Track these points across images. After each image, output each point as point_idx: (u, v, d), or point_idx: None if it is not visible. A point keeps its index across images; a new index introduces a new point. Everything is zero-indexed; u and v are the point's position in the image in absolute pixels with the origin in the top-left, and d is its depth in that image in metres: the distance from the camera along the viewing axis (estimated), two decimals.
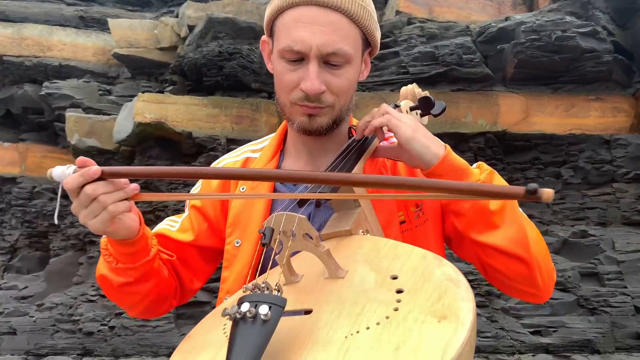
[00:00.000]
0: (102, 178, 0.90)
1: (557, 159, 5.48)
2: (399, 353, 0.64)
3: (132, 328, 5.23)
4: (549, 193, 0.67)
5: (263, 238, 0.85)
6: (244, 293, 0.75)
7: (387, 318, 0.70)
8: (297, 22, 1.02)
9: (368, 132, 1.06)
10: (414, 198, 1.06)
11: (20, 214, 6.16)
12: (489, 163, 1.99)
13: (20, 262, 6.19)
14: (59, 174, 0.92)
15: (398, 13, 5.86)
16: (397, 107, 1.19)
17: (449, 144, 1.08)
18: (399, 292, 0.74)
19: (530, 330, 4.95)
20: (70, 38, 6.61)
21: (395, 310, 0.70)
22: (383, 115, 1.03)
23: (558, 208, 5.40)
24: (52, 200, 6.01)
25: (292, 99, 1.07)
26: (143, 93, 5.55)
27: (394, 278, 0.77)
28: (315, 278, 0.85)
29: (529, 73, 5.44)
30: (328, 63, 1.03)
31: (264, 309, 0.69)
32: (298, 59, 1.03)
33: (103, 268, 1.08)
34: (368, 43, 1.12)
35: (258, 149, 1.26)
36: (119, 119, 5.67)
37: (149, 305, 1.14)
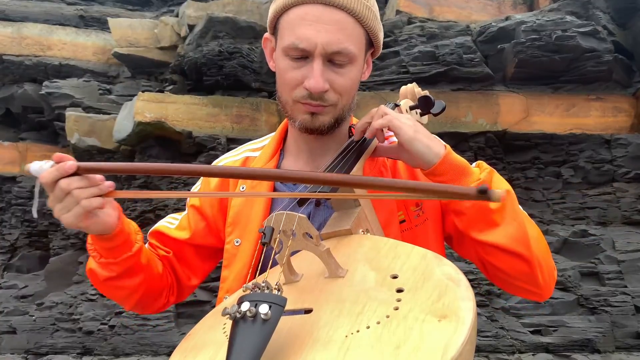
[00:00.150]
0: (77, 173, 0.91)
1: (557, 159, 5.47)
2: (400, 352, 0.64)
3: (132, 327, 5.23)
4: (499, 193, 0.69)
5: (263, 237, 0.85)
6: (244, 292, 0.75)
7: (387, 317, 0.70)
8: (302, 19, 1.02)
9: (369, 134, 1.06)
10: (378, 197, 1.05)
11: (20, 213, 6.16)
12: (489, 163, 1.99)
13: (20, 261, 6.19)
14: (37, 169, 0.92)
15: (398, 12, 5.86)
16: (397, 106, 1.19)
17: (449, 144, 1.08)
18: (399, 291, 0.74)
19: (531, 330, 4.95)
20: (71, 37, 6.61)
21: (396, 310, 0.70)
22: (383, 117, 1.03)
23: (558, 207, 5.40)
24: None
25: (294, 97, 1.07)
26: (143, 92, 5.55)
27: (394, 277, 0.77)
28: (316, 277, 0.85)
29: (529, 73, 5.44)
30: (332, 62, 1.03)
31: (264, 309, 0.69)
32: (302, 57, 1.03)
33: (91, 262, 1.11)
34: (371, 44, 1.12)
35: (258, 148, 1.26)
36: (119, 118, 5.67)
37: (141, 300, 1.15)
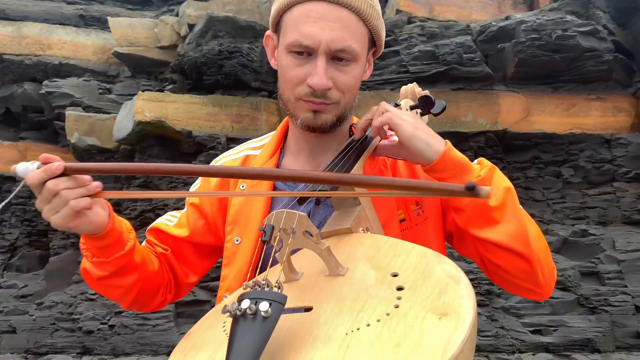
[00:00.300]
0: (65, 174, 0.91)
1: (557, 158, 5.48)
2: (400, 350, 0.64)
3: (131, 327, 5.23)
4: (487, 190, 0.69)
5: (263, 235, 0.85)
6: (244, 290, 0.75)
7: (387, 315, 0.70)
8: (306, 17, 1.02)
9: (373, 133, 1.07)
10: (368, 195, 1.04)
11: (20, 213, 6.16)
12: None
13: (20, 260, 6.19)
14: (23, 170, 0.92)
15: (398, 12, 5.86)
16: (397, 106, 1.19)
17: None
18: (400, 289, 0.74)
19: (531, 329, 4.95)
20: (71, 36, 6.61)
21: (396, 307, 0.70)
22: (383, 114, 1.03)
23: (558, 207, 5.40)
24: None
25: (297, 94, 1.06)
26: (143, 92, 5.55)
27: (395, 275, 0.77)
28: (316, 275, 0.85)
29: (530, 72, 5.44)
30: (335, 59, 1.03)
31: (264, 306, 0.69)
32: (306, 55, 1.03)
33: (84, 261, 1.10)
34: (373, 42, 1.12)
35: (258, 147, 1.25)
36: (119, 118, 5.67)
37: (137, 299, 1.14)
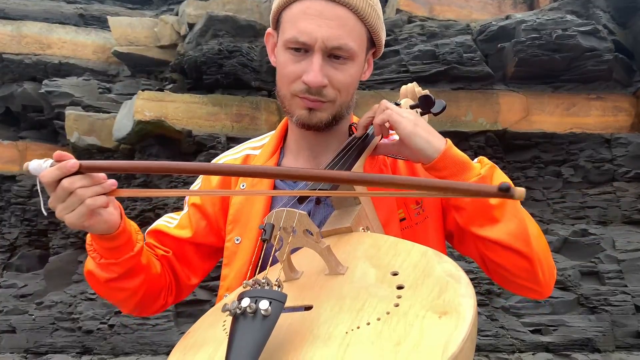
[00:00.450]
0: (79, 172, 0.89)
1: (557, 158, 5.47)
2: (400, 348, 0.64)
3: (131, 326, 5.23)
4: (521, 191, 0.68)
5: (263, 234, 0.85)
6: (244, 289, 0.75)
7: (387, 314, 0.69)
8: (304, 14, 1.02)
9: (376, 132, 1.06)
10: (392, 195, 1.06)
11: (20, 212, 6.16)
12: None
13: (20, 260, 6.19)
14: (36, 167, 0.90)
15: (398, 11, 5.86)
16: (397, 105, 1.19)
17: None
18: (400, 288, 0.74)
19: (531, 329, 4.95)
20: (70, 36, 6.61)
21: (396, 306, 0.70)
22: (384, 112, 1.04)
23: (558, 207, 5.40)
24: None
25: (292, 91, 1.06)
26: (143, 91, 5.55)
27: (395, 274, 0.77)
28: (316, 274, 0.85)
29: (530, 72, 5.43)
30: (332, 57, 1.04)
31: (264, 305, 0.69)
32: (302, 51, 1.03)
33: (89, 264, 1.07)
34: (373, 43, 1.12)
35: (258, 146, 1.25)
36: (119, 117, 5.67)
37: (140, 302, 1.13)
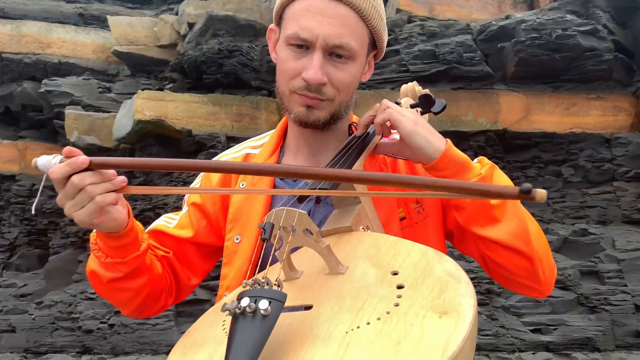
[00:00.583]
0: (89, 168, 0.88)
1: (557, 158, 5.47)
2: (400, 348, 0.63)
3: (131, 326, 5.23)
4: (543, 193, 0.67)
5: (263, 233, 0.85)
6: (244, 288, 0.75)
7: (387, 313, 0.69)
8: (306, 11, 1.02)
9: (377, 131, 1.06)
10: (413, 196, 1.06)
11: (20, 212, 6.15)
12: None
13: (20, 259, 6.19)
14: (44, 163, 0.89)
15: (399, 11, 5.85)
16: (397, 104, 1.19)
17: None
18: (400, 287, 0.74)
19: (531, 328, 4.95)
20: (70, 35, 6.61)
21: (396, 306, 0.70)
22: (385, 111, 1.04)
23: (558, 206, 5.40)
24: (52, 198, 6.00)
25: (291, 87, 1.06)
26: (143, 91, 5.54)
27: (395, 274, 0.77)
28: (316, 274, 0.85)
29: (530, 71, 5.43)
30: (333, 56, 1.04)
31: (264, 304, 0.69)
32: (303, 48, 1.03)
33: (93, 263, 1.06)
34: (374, 45, 1.12)
35: (258, 145, 1.25)
36: (119, 117, 5.66)
37: (142, 303, 1.11)
